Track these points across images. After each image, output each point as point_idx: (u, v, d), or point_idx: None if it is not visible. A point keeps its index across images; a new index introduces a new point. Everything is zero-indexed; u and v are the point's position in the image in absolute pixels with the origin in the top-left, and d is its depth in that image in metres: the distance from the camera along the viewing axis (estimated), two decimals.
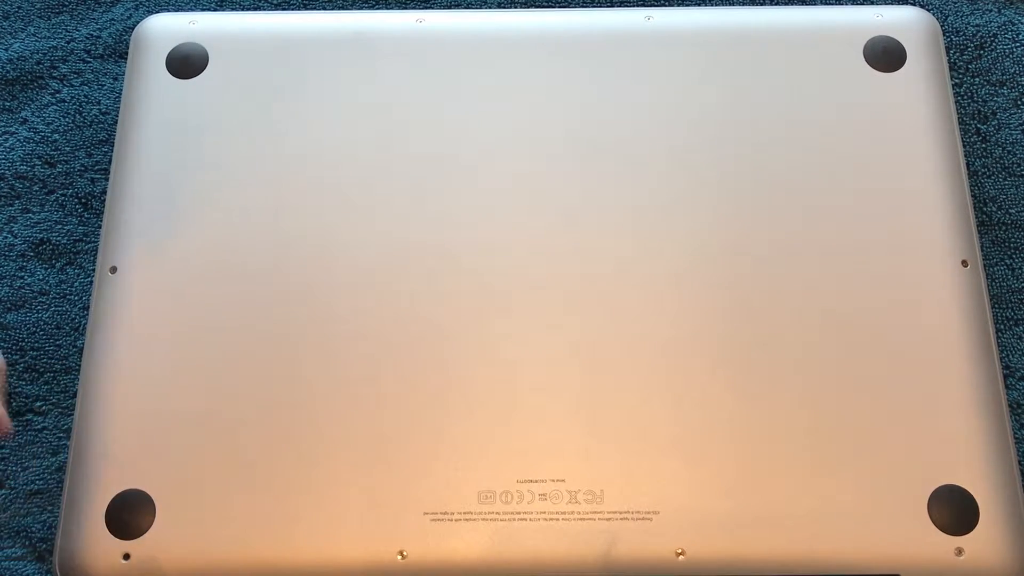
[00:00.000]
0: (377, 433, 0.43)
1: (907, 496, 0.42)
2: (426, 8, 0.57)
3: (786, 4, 0.56)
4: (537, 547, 0.41)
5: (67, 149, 0.53)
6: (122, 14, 0.57)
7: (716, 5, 0.56)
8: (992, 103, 0.54)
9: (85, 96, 0.55)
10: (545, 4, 0.57)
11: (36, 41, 0.56)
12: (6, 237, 0.52)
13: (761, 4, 0.56)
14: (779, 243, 0.46)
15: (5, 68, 0.55)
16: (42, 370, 0.49)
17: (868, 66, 0.50)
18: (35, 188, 0.53)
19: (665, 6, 0.54)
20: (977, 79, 0.55)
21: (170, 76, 0.50)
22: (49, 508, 0.46)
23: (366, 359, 0.44)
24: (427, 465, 0.42)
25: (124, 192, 0.48)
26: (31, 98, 0.55)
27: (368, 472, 0.42)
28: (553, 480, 0.42)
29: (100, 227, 0.48)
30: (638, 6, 0.55)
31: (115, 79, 0.55)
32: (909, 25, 0.51)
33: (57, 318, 0.50)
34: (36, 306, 0.50)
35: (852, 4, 0.55)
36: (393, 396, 0.43)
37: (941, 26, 0.52)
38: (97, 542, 0.42)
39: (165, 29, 0.51)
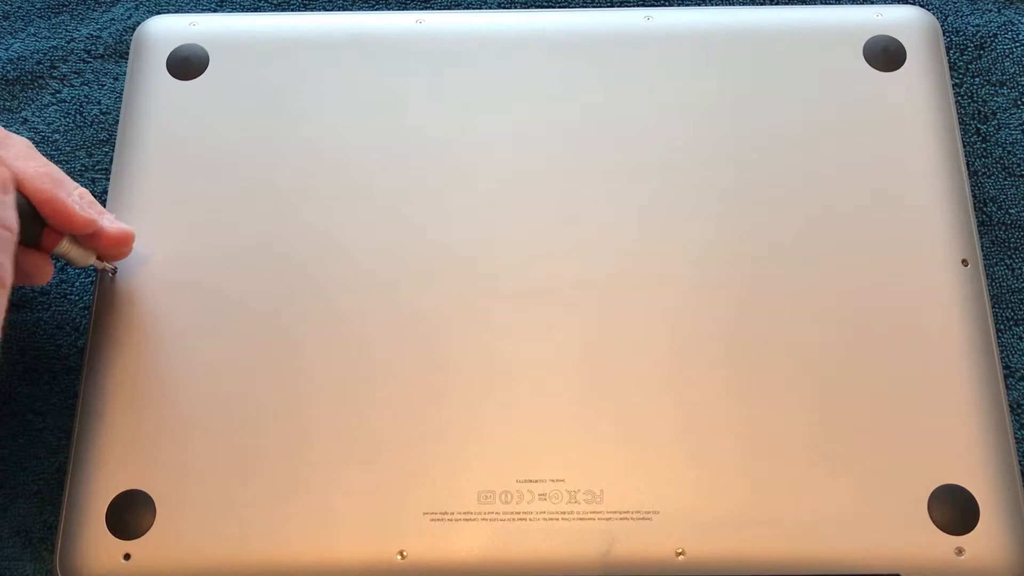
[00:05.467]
0: (377, 433, 0.43)
1: (907, 496, 0.42)
2: (426, 8, 0.57)
3: (786, 4, 0.56)
4: (537, 547, 0.41)
5: (67, 149, 0.53)
6: (122, 14, 0.57)
7: (716, 5, 0.56)
8: (992, 103, 0.54)
9: (85, 96, 0.55)
10: (545, 4, 0.57)
11: (36, 41, 0.56)
12: None
13: (761, 4, 0.56)
14: (778, 243, 0.46)
15: (5, 68, 0.55)
16: (42, 370, 0.49)
17: (868, 66, 0.50)
18: None
19: (665, 6, 0.54)
20: (977, 79, 0.55)
21: (170, 78, 0.50)
22: (49, 508, 0.46)
23: (366, 359, 0.44)
24: (427, 465, 0.42)
25: (124, 192, 0.48)
26: (31, 98, 0.55)
27: (368, 472, 0.42)
28: (553, 480, 0.42)
29: None
30: (638, 6, 0.55)
31: (115, 79, 0.55)
32: (909, 25, 0.51)
33: (57, 318, 0.50)
34: (36, 306, 0.50)
35: (852, 4, 0.55)
36: (393, 396, 0.43)
37: (941, 26, 0.52)
38: (97, 542, 0.42)
39: (165, 31, 0.51)
